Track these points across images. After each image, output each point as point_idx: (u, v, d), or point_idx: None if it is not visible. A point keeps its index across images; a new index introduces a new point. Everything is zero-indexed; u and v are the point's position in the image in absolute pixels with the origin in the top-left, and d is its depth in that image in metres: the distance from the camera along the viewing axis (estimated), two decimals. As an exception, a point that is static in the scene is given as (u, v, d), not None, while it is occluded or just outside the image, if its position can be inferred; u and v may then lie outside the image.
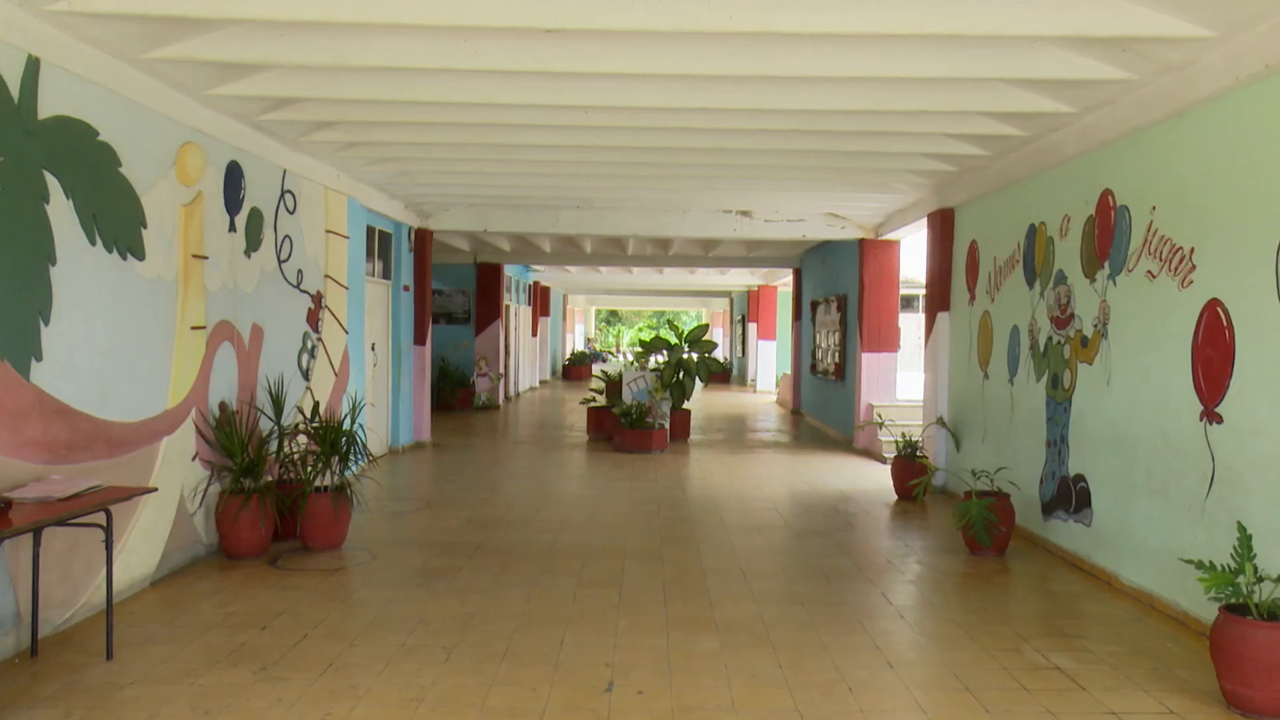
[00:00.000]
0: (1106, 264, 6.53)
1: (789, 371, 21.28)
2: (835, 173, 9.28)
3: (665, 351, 14.78)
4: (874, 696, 4.39)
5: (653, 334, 21.00)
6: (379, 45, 5.55)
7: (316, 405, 8.19)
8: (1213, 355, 5.29)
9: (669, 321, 18.57)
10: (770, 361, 26.90)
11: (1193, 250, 5.50)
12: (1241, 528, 4.41)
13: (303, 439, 7.75)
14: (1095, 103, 6.24)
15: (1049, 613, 5.82)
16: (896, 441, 9.98)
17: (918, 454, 9.62)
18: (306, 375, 8.87)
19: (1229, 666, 4.17)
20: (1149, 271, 5.98)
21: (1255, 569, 4.26)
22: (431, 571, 6.54)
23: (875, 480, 10.79)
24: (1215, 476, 5.25)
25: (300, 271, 8.72)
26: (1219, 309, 5.24)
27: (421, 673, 4.63)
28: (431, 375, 15.03)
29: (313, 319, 9.05)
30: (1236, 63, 4.92)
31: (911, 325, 18.49)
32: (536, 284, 26.87)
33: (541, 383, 28.79)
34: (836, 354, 15.56)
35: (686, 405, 15.08)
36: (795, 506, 9.28)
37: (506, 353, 21.54)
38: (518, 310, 23.46)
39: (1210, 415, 5.30)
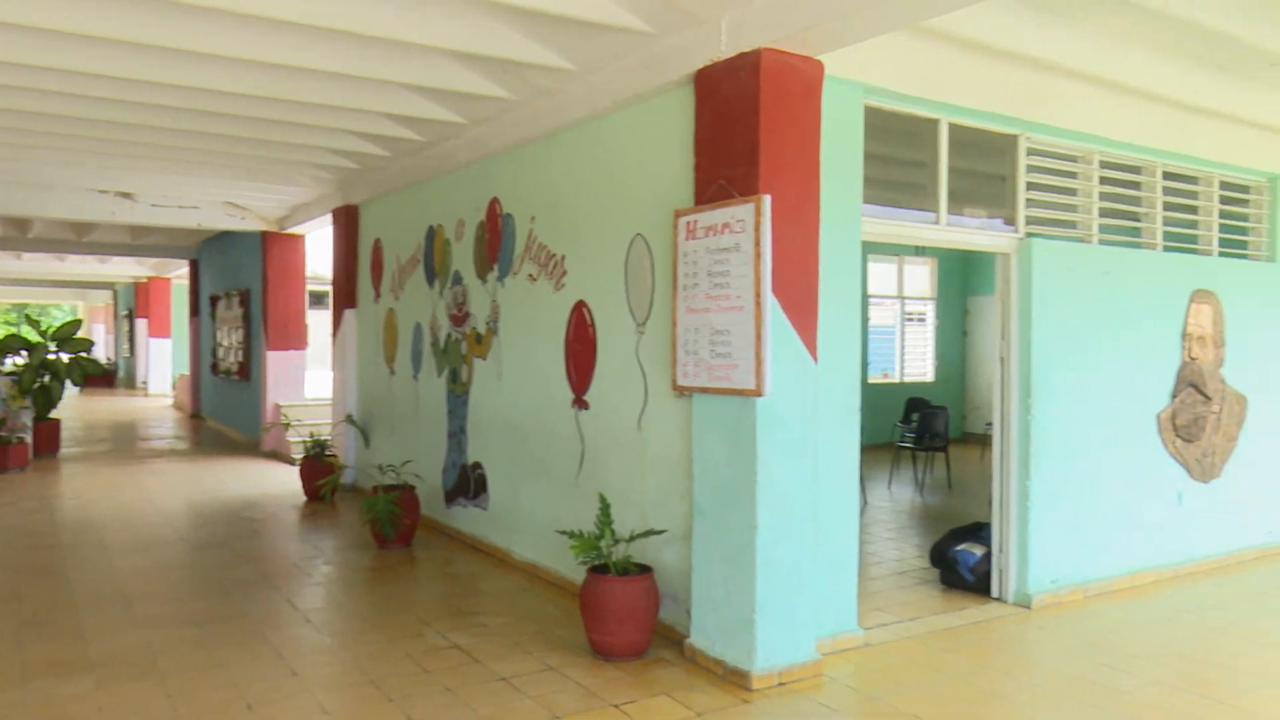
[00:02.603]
0: (496, 267, 7.11)
1: (187, 372, 19.60)
2: (232, 159, 8.70)
3: (26, 352, 12.52)
4: (275, 708, 4.20)
5: (9, 331, 17.71)
6: None
7: None
8: (580, 350, 6.06)
9: (28, 316, 15.76)
10: (165, 361, 24.45)
11: (564, 257, 6.24)
12: (603, 498, 5.13)
13: None
14: (482, 116, 6.74)
15: (450, 594, 6.16)
16: (305, 441, 9.75)
17: (327, 453, 9.50)
18: None
19: (594, 619, 4.82)
20: (530, 275, 6.65)
21: (613, 533, 4.99)
22: None
23: (284, 483, 10.42)
24: (584, 455, 6.03)
25: None
26: (584, 309, 6.03)
27: None
28: None
29: None
30: (592, 95, 5.70)
31: (322, 322, 18.23)
32: None
33: None
34: (240, 352, 14.70)
35: (55, 414, 12.98)
36: (194, 518, 8.52)
37: None
38: None
39: (580, 402, 6.08)
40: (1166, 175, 6.75)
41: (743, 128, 4.49)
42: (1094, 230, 6.31)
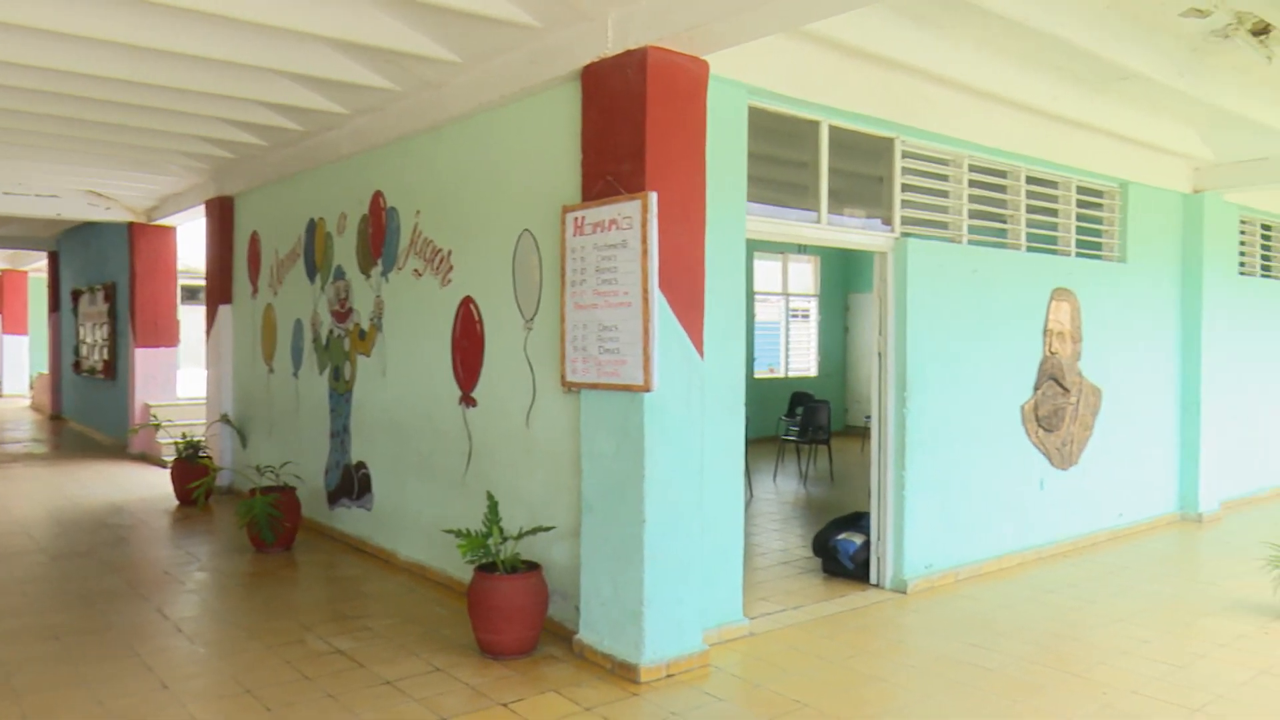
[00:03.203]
0: (380, 261, 6.95)
1: (46, 371, 18.50)
2: (95, 146, 8.23)
3: None
4: (145, 723, 4.02)
5: None
6: None
7: None
8: (468, 346, 5.99)
9: None
10: (22, 359, 22.99)
11: (451, 252, 6.15)
12: (490, 496, 5.08)
13: None
14: (365, 107, 6.57)
15: (333, 598, 5.99)
16: (177, 443, 9.33)
17: (200, 455, 9.11)
18: None
19: (481, 618, 4.77)
20: (416, 270, 6.52)
21: (501, 531, 4.95)
22: None
23: (154, 487, 9.94)
24: (472, 453, 5.96)
25: None
26: (472, 305, 5.95)
27: None
28: None
29: None
30: (479, 88, 5.62)
31: (195, 318, 17.47)
32: None
33: None
34: (106, 350, 13.95)
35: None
36: (54, 526, 8.04)
37: None
38: None
39: (467, 400, 6.00)
40: (1029, 180, 7.11)
41: (629, 125, 4.51)
42: (964, 231, 6.60)
